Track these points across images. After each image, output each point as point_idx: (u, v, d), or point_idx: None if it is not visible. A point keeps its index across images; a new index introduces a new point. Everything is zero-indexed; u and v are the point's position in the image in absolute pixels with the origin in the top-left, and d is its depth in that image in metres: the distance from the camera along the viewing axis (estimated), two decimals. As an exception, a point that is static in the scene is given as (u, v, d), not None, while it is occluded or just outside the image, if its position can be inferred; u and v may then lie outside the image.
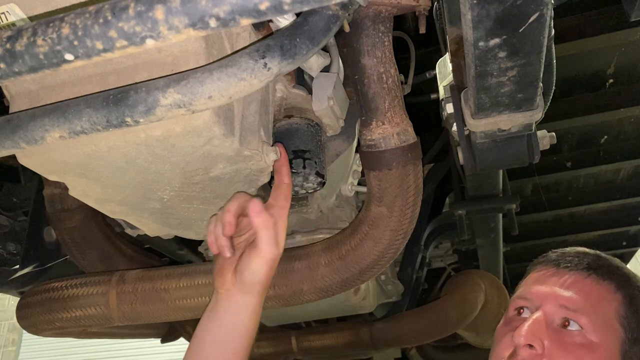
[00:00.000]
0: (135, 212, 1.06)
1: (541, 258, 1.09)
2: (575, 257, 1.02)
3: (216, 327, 0.95)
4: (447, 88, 1.12)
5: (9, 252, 1.48)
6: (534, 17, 0.65)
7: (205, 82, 0.64)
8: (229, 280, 0.93)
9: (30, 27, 0.59)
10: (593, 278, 0.98)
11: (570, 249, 1.08)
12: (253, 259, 0.91)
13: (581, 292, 0.96)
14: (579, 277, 0.98)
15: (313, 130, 1.09)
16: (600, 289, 0.97)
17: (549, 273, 1.02)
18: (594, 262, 1.01)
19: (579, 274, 0.99)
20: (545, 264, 1.05)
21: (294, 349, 2.34)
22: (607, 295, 0.97)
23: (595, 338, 0.92)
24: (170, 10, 0.54)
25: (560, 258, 1.03)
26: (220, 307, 0.95)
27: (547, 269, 1.03)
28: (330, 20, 0.65)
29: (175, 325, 2.34)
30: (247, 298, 0.94)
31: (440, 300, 2.33)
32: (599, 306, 0.95)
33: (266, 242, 0.90)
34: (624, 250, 3.71)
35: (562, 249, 1.08)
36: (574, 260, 1.02)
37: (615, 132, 2.69)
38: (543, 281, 1.01)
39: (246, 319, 0.94)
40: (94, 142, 0.81)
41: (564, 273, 1.00)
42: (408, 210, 1.11)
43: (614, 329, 0.95)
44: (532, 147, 1.07)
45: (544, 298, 0.98)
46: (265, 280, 0.93)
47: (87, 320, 1.29)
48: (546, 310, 0.96)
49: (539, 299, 0.98)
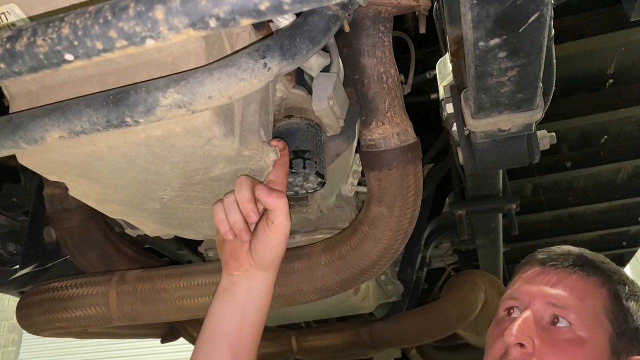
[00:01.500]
0: (135, 212, 1.06)
1: (528, 258, 1.11)
2: (561, 256, 1.04)
3: (233, 306, 0.98)
4: (447, 88, 1.12)
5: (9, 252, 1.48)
6: (534, 17, 0.65)
7: (205, 82, 0.64)
8: (246, 261, 0.97)
9: (30, 27, 0.59)
10: (579, 274, 1.00)
11: (555, 247, 1.09)
12: (271, 235, 0.93)
13: (568, 288, 0.98)
14: (565, 274, 1.00)
15: (313, 130, 1.09)
16: (586, 285, 0.99)
17: (536, 272, 1.03)
18: (579, 259, 1.03)
19: (564, 271, 1.01)
20: (532, 263, 1.07)
21: (294, 349, 2.34)
22: (593, 290, 0.99)
23: (584, 333, 0.94)
24: (170, 10, 0.54)
25: (546, 257, 1.05)
26: (237, 288, 0.98)
27: (533, 268, 1.05)
28: (330, 20, 0.65)
29: (175, 325, 2.35)
30: (266, 274, 0.98)
31: (440, 300, 2.33)
32: (586, 301, 0.97)
33: (281, 216, 0.92)
34: (624, 250, 3.70)
35: (548, 249, 1.10)
36: (560, 258, 1.04)
37: (615, 132, 2.69)
38: (530, 280, 1.03)
39: (264, 294, 0.99)
40: (94, 142, 0.81)
41: (549, 271, 1.02)
42: (408, 210, 1.11)
43: (602, 324, 0.96)
44: (532, 147, 1.07)
45: (532, 297, 0.99)
46: (282, 253, 0.97)
47: (87, 320, 1.29)
48: (535, 308, 0.98)
49: (527, 298, 1.00)
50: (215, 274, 1.23)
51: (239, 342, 0.97)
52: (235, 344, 0.96)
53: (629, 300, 1.00)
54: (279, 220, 0.92)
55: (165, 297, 1.25)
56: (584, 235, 3.46)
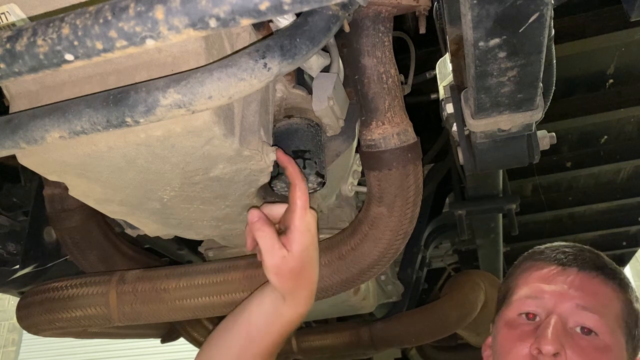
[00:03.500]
0: (136, 213, 1.06)
1: (535, 254, 1.06)
2: (578, 256, 1.00)
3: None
4: (447, 88, 1.12)
5: (9, 252, 1.48)
6: (534, 17, 0.65)
7: (205, 82, 0.64)
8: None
9: (30, 27, 0.59)
10: (600, 278, 0.97)
11: (563, 244, 1.05)
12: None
13: (591, 292, 0.95)
14: (587, 277, 0.96)
15: (313, 130, 1.09)
16: (607, 290, 0.96)
17: (555, 271, 0.99)
18: (598, 260, 1.00)
19: (586, 274, 0.97)
20: (546, 260, 1.02)
21: (294, 349, 2.34)
22: (612, 295, 0.96)
23: (609, 340, 0.91)
24: (170, 11, 0.54)
25: (562, 256, 1.01)
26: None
27: (550, 267, 1.00)
28: (330, 20, 0.65)
29: (175, 325, 2.34)
30: (277, 300, 0.97)
31: (440, 300, 2.33)
32: (610, 307, 0.94)
33: (264, 254, 0.91)
34: (624, 250, 3.70)
35: (553, 245, 1.05)
36: (578, 258, 0.99)
37: (615, 132, 2.69)
38: (550, 280, 0.98)
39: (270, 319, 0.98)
40: (94, 142, 0.81)
41: (571, 272, 0.97)
42: (408, 211, 1.11)
43: (622, 329, 0.95)
44: (532, 147, 1.07)
45: (556, 298, 0.95)
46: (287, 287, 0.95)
47: (87, 320, 1.29)
48: (561, 312, 0.93)
49: (551, 300, 0.95)
50: (215, 274, 1.23)
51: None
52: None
53: (637, 303, 0.99)
54: (262, 258, 0.92)
55: (165, 297, 1.25)
56: (584, 235, 3.45)
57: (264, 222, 0.92)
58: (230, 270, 1.20)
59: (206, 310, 1.23)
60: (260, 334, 0.96)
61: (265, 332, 0.96)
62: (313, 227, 0.95)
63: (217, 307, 1.21)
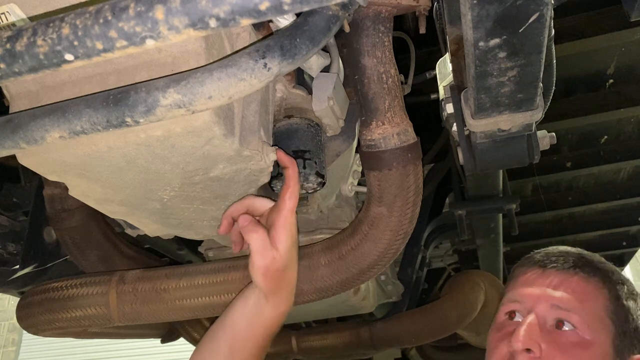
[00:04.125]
0: (136, 213, 1.06)
1: (525, 260, 1.10)
2: (560, 257, 1.04)
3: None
4: (447, 88, 1.12)
5: (9, 252, 1.48)
6: (534, 17, 0.65)
7: (205, 82, 0.64)
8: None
9: (30, 27, 0.59)
10: (580, 276, 1.00)
11: (552, 248, 1.09)
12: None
13: (570, 290, 0.98)
14: (566, 275, 1.00)
15: (313, 130, 1.09)
16: (588, 286, 0.99)
17: (536, 274, 1.03)
18: (579, 260, 1.03)
19: (565, 272, 1.01)
20: (530, 265, 1.06)
21: (294, 349, 2.34)
22: (594, 291, 0.99)
23: (589, 335, 0.94)
24: (170, 11, 0.54)
25: (545, 258, 1.05)
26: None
27: (532, 270, 1.04)
28: (330, 20, 0.65)
29: (175, 325, 2.34)
30: (259, 298, 1.00)
31: (440, 300, 2.33)
32: (589, 303, 0.97)
33: (253, 252, 0.94)
34: (624, 250, 3.70)
35: (545, 249, 1.09)
36: (559, 259, 1.03)
37: (615, 132, 2.69)
38: (531, 283, 1.02)
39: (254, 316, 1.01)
40: (94, 142, 0.81)
41: (550, 273, 1.01)
42: (408, 211, 1.11)
43: (605, 325, 0.97)
44: (532, 147, 1.07)
45: (534, 300, 0.99)
46: (267, 286, 0.98)
47: (87, 320, 1.29)
48: (538, 312, 0.97)
49: (530, 301, 0.99)
50: (215, 274, 1.23)
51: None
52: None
53: (628, 300, 1.00)
54: (251, 257, 0.94)
55: (165, 297, 1.25)
56: (584, 235, 3.45)
57: (256, 224, 0.95)
58: (230, 270, 1.20)
59: (206, 310, 1.23)
60: (245, 336, 0.99)
61: (250, 332, 1.00)
62: (295, 228, 0.99)
63: (217, 307, 1.20)
